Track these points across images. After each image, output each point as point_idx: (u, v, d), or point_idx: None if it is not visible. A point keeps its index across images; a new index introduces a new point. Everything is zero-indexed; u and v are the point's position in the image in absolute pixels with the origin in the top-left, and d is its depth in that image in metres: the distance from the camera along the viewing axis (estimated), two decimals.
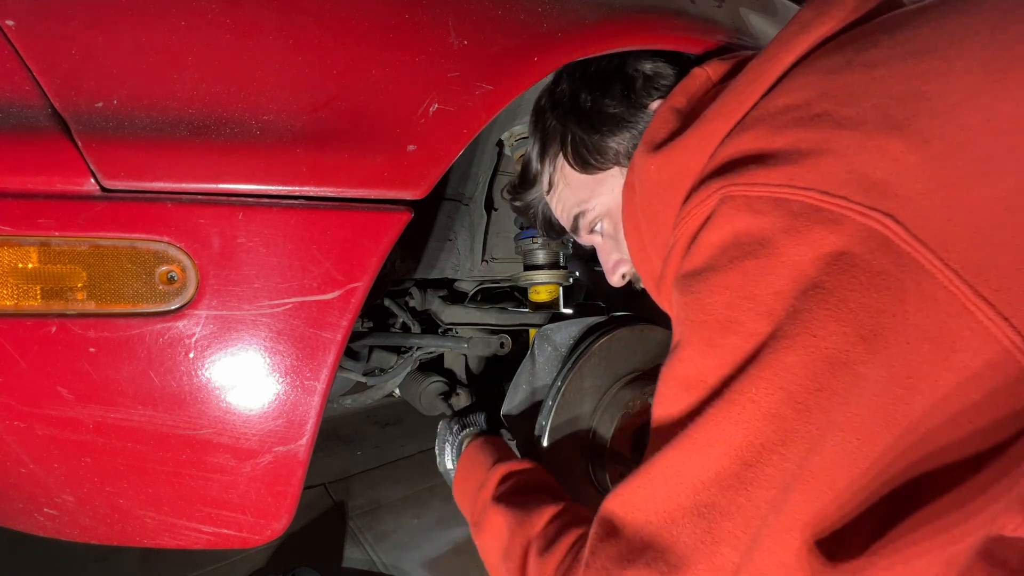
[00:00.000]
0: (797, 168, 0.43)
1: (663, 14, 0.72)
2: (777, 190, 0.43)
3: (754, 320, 0.42)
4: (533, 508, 0.61)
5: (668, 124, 0.59)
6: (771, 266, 0.42)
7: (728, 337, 0.43)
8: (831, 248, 0.40)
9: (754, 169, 0.45)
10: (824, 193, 0.41)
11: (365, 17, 0.58)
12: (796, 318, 0.40)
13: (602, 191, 0.71)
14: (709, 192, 0.49)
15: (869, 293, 0.39)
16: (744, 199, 0.45)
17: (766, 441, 0.40)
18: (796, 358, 0.40)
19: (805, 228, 0.41)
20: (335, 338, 0.58)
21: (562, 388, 0.83)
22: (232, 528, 0.60)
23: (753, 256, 0.43)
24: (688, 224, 0.52)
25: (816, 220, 0.41)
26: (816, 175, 0.42)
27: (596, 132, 0.68)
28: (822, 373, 0.39)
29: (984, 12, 0.44)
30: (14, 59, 0.49)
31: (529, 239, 1.09)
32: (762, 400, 0.40)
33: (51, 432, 0.53)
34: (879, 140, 0.41)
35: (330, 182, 0.56)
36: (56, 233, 0.50)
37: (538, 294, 1.13)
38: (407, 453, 2.14)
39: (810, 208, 0.42)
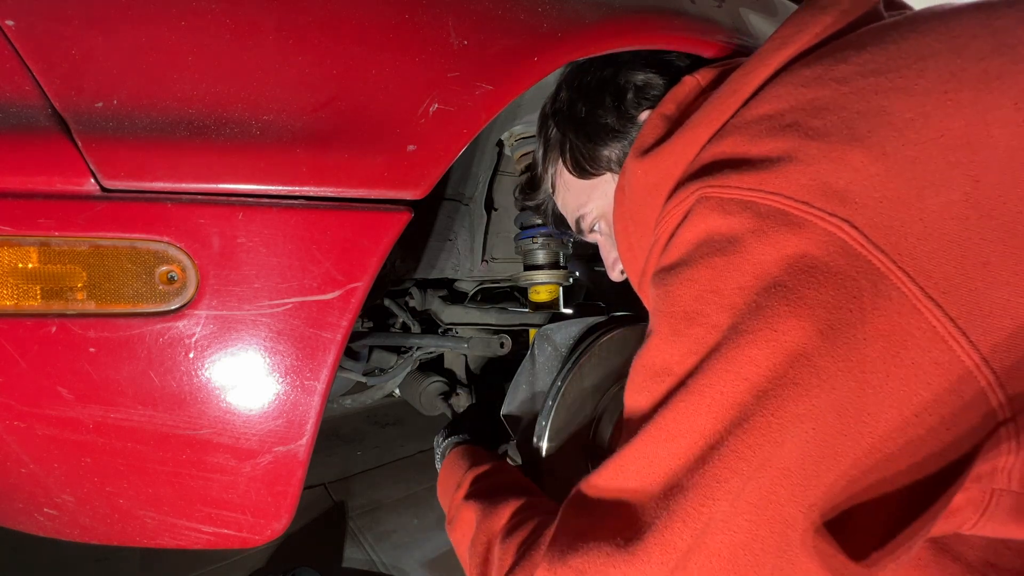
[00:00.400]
0: (766, 174, 0.46)
1: (663, 14, 0.72)
2: (747, 193, 0.46)
3: (717, 312, 0.45)
4: (500, 502, 0.64)
5: (656, 130, 0.62)
6: (737, 263, 0.45)
7: (693, 328, 0.46)
8: (793, 250, 0.43)
9: (728, 173, 0.49)
10: (789, 198, 0.44)
11: (365, 17, 0.58)
12: (758, 313, 0.43)
13: (596, 195, 0.75)
14: (688, 193, 0.51)
15: (827, 291, 0.42)
16: (718, 200, 0.48)
17: (730, 427, 0.42)
18: (758, 351, 0.42)
19: (770, 229, 0.44)
20: (335, 338, 0.58)
21: (562, 388, 0.83)
22: (232, 528, 0.60)
23: (721, 253, 0.46)
24: (667, 222, 0.55)
25: (781, 223, 0.44)
26: (783, 181, 0.45)
27: (590, 141, 0.72)
28: (781, 364, 0.41)
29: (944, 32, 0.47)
30: (14, 59, 0.49)
31: (529, 239, 1.09)
32: (727, 390, 0.42)
33: (51, 432, 0.53)
34: (842, 151, 0.44)
35: (330, 182, 0.56)
36: (56, 233, 0.50)
37: (538, 294, 1.13)
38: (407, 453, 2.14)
39: (776, 211, 0.44)
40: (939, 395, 0.41)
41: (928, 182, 0.42)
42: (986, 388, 0.41)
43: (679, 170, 0.57)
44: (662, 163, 0.59)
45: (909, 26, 0.50)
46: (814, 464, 0.41)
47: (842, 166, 0.44)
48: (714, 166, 0.51)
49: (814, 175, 0.44)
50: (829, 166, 0.44)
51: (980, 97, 0.43)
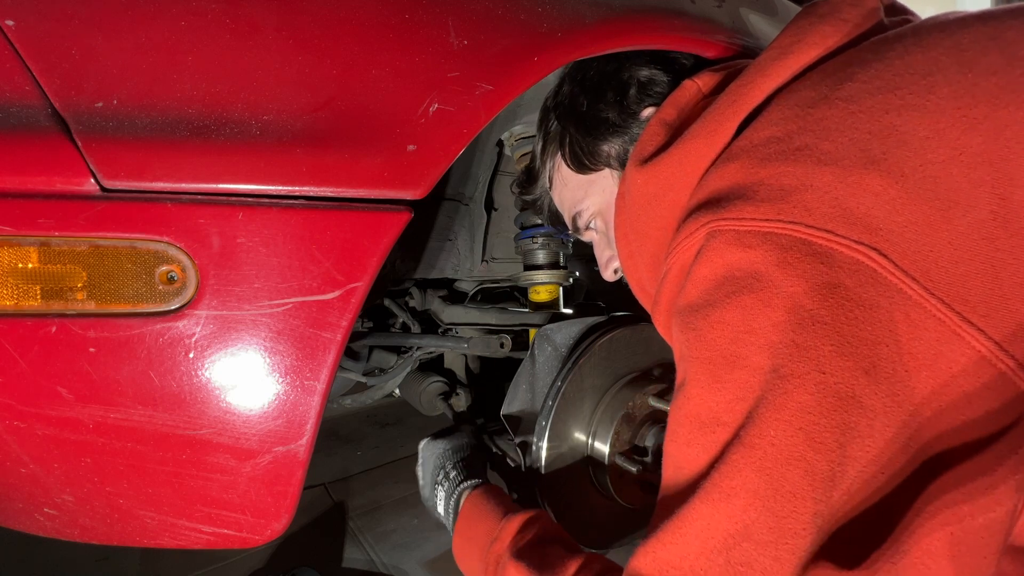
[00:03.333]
0: (783, 203, 0.44)
1: (663, 14, 0.72)
2: (764, 224, 0.45)
3: (757, 354, 0.43)
4: (555, 562, 0.58)
5: (656, 138, 0.61)
6: (767, 299, 0.43)
7: (734, 372, 0.44)
8: (824, 280, 0.42)
9: (741, 204, 0.47)
10: (810, 227, 0.43)
11: (365, 17, 0.58)
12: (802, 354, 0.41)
13: (594, 191, 0.74)
14: (697, 225, 0.50)
15: (864, 327, 0.40)
16: (733, 233, 0.46)
17: (792, 487, 0.40)
18: (808, 396, 0.40)
19: (796, 261, 0.43)
20: (335, 338, 0.58)
21: (562, 388, 0.83)
22: (232, 528, 0.60)
23: (749, 290, 0.44)
24: (679, 256, 0.53)
25: (806, 253, 0.43)
26: (801, 210, 0.44)
27: (590, 135, 0.70)
28: (834, 409, 0.40)
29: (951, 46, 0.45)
30: (14, 59, 0.49)
31: (529, 239, 1.09)
32: (781, 443, 0.40)
33: (51, 432, 0.53)
34: (858, 175, 0.43)
35: (330, 182, 0.56)
36: (56, 233, 0.50)
37: (538, 294, 1.13)
38: (407, 453, 2.14)
39: (798, 241, 0.43)
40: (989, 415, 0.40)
41: (953, 202, 0.41)
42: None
43: (679, 183, 0.57)
44: (660, 174, 0.58)
45: (913, 39, 0.48)
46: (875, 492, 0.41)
47: (860, 191, 0.42)
48: (723, 196, 0.49)
49: (833, 202, 0.43)
50: (847, 191, 0.43)
51: (995, 113, 0.41)
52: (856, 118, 0.45)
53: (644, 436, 0.87)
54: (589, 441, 0.87)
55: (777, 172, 0.46)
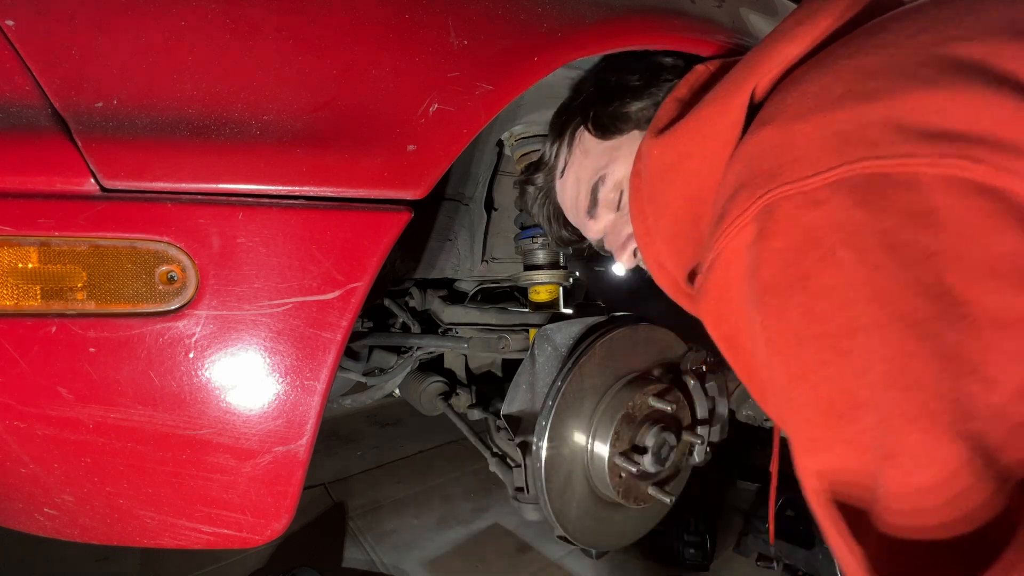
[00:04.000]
0: (843, 147, 0.40)
1: (663, 14, 0.72)
2: (829, 174, 0.40)
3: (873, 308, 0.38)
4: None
5: (670, 112, 0.61)
6: (860, 245, 0.38)
7: (856, 339, 0.38)
8: (918, 207, 0.37)
9: (794, 165, 0.43)
10: (881, 158, 0.38)
11: (365, 17, 0.58)
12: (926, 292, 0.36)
13: (619, 156, 0.72)
14: (750, 201, 0.46)
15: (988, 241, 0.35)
16: (799, 196, 0.42)
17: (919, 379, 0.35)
18: (955, 333, 0.35)
19: (877, 196, 0.38)
20: (335, 338, 0.58)
21: (562, 388, 0.83)
22: (232, 528, 0.60)
23: (839, 245, 0.39)
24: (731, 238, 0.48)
25: (886, 185, 0.38)
26: (864, 146, 0.39)
27: (618, 99, 0.70)
28: (1006, 339, 0.34)
29: None
30: (14, 59, 0.49)
31: (529, 239, 1.09)
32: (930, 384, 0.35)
33: (51, 432, 0.53)
34: (918, 97, 0.39)
35: (330, 182, 0.56)
36: (56, 233, 0.50)
37: (538, 294, 1.13)
38: (407, 453, 2.14)
39: (874, 177, 0.38)
40: None
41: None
42: None
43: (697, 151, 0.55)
44: (678, 142, 0.56)
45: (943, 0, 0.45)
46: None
47: (926, 108, 0.38)
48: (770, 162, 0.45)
49: (898, 127, 0.38)
50: (911, 114, 0.38)
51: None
52: (900, 58, 0.41)
53: (644, 436, 0.87)
54: (589, 441, 0.87)
55: (824, 122, 0.42)
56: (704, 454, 0.93)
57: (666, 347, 0.97)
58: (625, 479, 0.87)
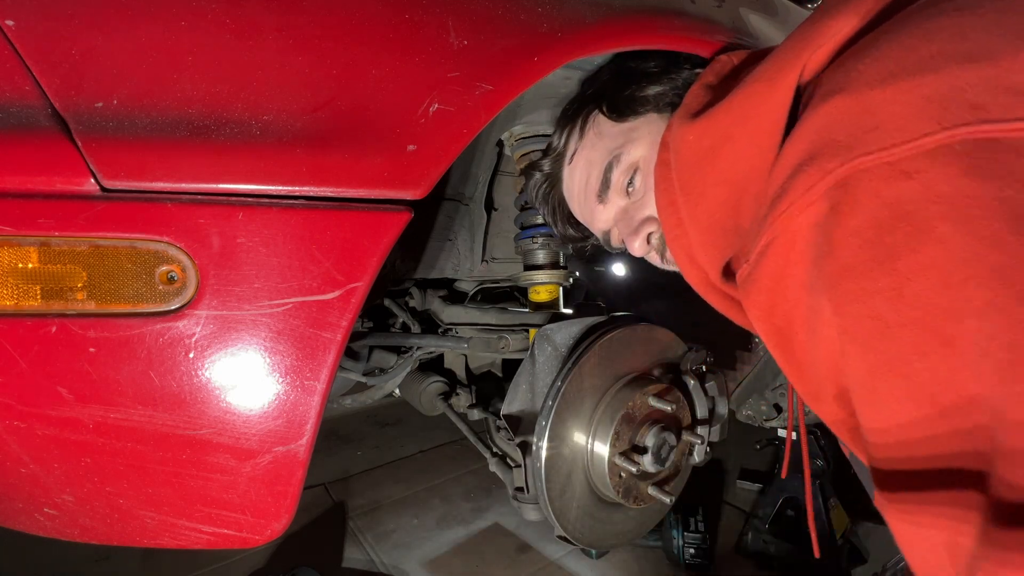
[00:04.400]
0: (941, 111, 0.36)
1: (663, 14, 0.72)
2: (926, 140, 0.36)
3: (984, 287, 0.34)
4: None
5: (701, 98, 0.59)
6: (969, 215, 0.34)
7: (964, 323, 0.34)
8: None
9: (879, 133, 0.38)
10: (992, 122, 0.34)
11: (365, 17, 0.58)
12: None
13: (636, 137, 0.69)
14: (819, 175, 0.41)
15: None
16: (885, 167, 0.38)
17: None
18: None
19: (988, 163, 0.34)
20: (335, 338, 0.58)
21: (562, 388, 0.83)
22: (232, 528, 0.60)
23: (942, 219, 0.35)
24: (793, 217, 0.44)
25: (996, 151, 0.34)
26: (968, 109, 0.35)
27: (635, 83, 0.69)
28: None
29: None
30: (14, 59, 0.49)
31: (529, 239, 1.09)
32: None
33: (51, 432, 0.53)
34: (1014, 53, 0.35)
35: (330, 182, 0.56)
36: (56, 233, 0.50)
37: (538, 294, 1.13)
38: (407, 453, 2.14)
39: (982, 143, 0.35)
40: None
41: None
42: None
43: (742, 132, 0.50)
44: (718, 124, 0.52)
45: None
46: None
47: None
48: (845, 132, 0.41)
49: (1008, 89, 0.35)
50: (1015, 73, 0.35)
51: None
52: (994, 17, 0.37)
53: (644, 436, 0.87)
54: (589, 441, 0.87)
55: (912, 85, 0.37)
56: (704, 454, 0.93)
57: (666, 347, 0.97)
58: (625, 479, 0.87)
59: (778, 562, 1.43)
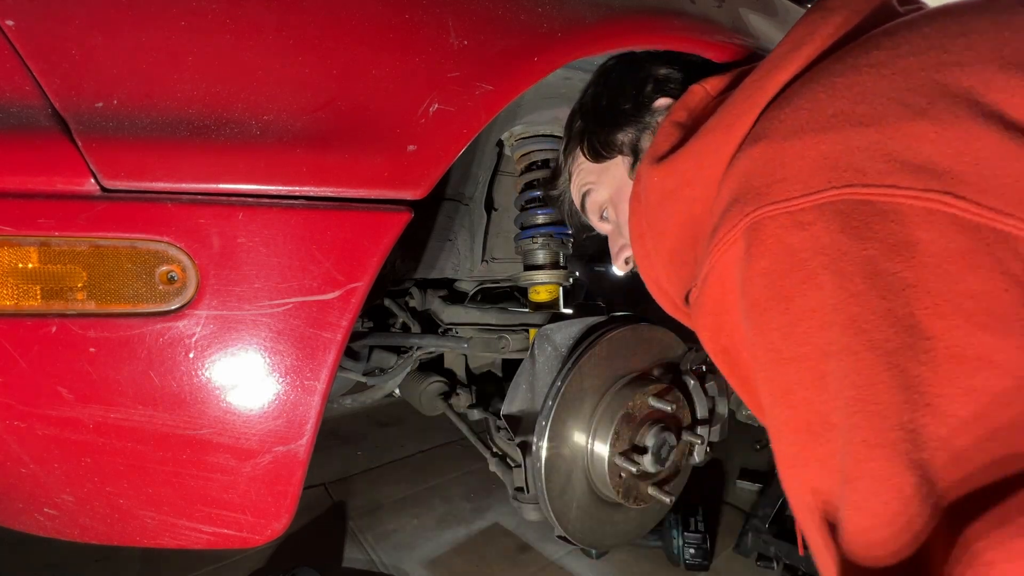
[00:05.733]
0: (830, 171, 0.41)
1: (663, 14, 0.72)
2: (817, 197, 0.41)
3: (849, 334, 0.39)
4: None
5: (670, 138, 0.61)
6: (842, 270, 0.39)
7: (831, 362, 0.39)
8: (899, 239, 0.37)
9: (782, 184, 0.44)
10: (868, 186, 0.39)
11: (365, 17, 0.58)
12: (898, 323, 0.37)
13: (606, 178, 0.77)
14: (739, 217, 0.46)
15: (963, 279, 0.36)
16: (785, 215, 0.43)
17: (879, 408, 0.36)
18: (923, 367, 0.36)
19: (862, 224, 0.39)
20: (335, 338, 0.58)
21: (562, 388, 0.83)
22: (232, 528, 0.60)
23: (821, 268, 0.40)
24: (721, 254, 0.50)
25: (871, 213, 0.38)
26: (852, 172, 0.40)
27: (607, 126, 0.74)
28: (958, 375, 0.35)
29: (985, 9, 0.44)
30: (14, 59, 0.49)
31: (529, 239, 1.09)
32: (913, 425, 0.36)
33: (51, 432, 0.53)
34: (907, 126, 0.39)
35: (330, 182, 0.56)
36: (56, 233, 0.50)
37: (538, 294, 1.13)
38: (407, 453, 2.14)
39: (859, 204, 0.39)
40: None
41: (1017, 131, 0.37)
42: None
43: (698, 177, 0.55)
44: (678, 168, 0.57)
45: (941, 10, 0.46)
46: None
47: (914, 140, 0.39)
48: (759, 179, 0.46)
49: (886, 156, 0.39)
50: (899, 143, 0.39)
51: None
52: (891, 80, 0.42)
53: (644, 436, 0.87)
54: (589, 441, 0.87)
55: (814, 142, 0.43)
56: (704, 454, 0.93)
57: (666, 347, 0.97)
58: (625, 479, 0.87)
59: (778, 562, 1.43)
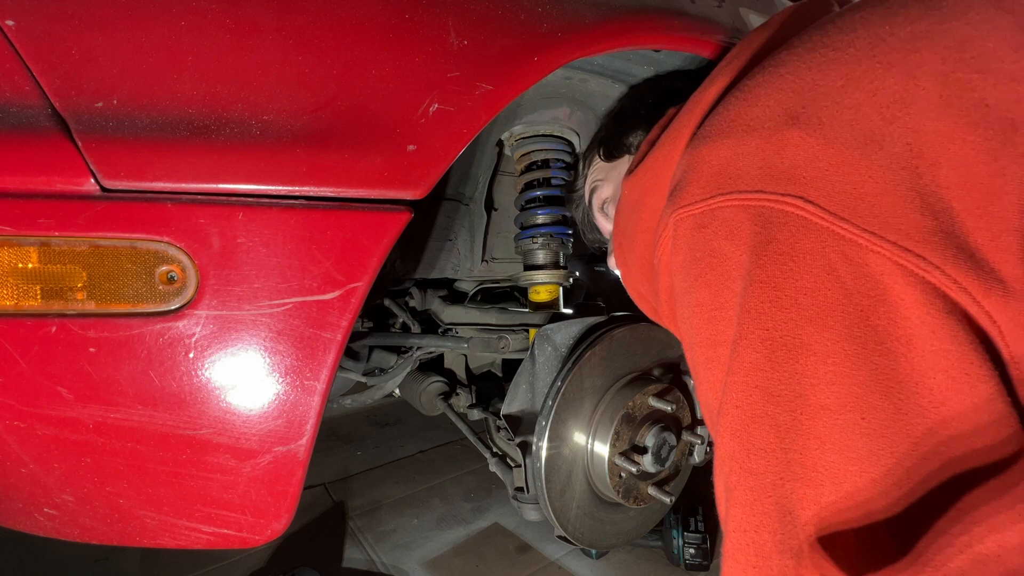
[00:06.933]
0: (720, 178, 0.49)
1: (663, 14, 0.72)
2: (712, 202, 0.48)
3: (726, 327, 0.46)
4: None
5: (641, 154, 0.67)
6: (725, 271, 0.47)
7: (715, 350, 0.47)
8: (760, 239, 0.44)
9: (689, 189, 0.51)
10: (744, 192, 0.46)
11: (365, 17, 0.58)
12: (748, 316, 0.44)
13: (613, 175, 0.82)
14: (665, 219, 0.54)
15: (800, 277, 0.42)
16: (692, 218, 0.50)
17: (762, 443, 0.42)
18: (757, 354, 0.42)
19: (736, 228, 0.46)
20: (335, 338, 0.58)
21: (562, 388, 0.83)
22: (232, 528, 0.60)
23: (710, 268, 0.48)
24: (661, 250, 0.58)
25: (745, 218, 0.46)
26: (734, 179, 0.47)
27: (621, 127, 0.80)
28: (784, 361, 0.41)
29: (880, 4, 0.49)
30: (14, 59, 0.49)
31: (529, 239, 1.09)
32: (744, 403, 0.43)
33: (51, 432, 0.53)
34: (781, 134, 0.46)
35: (330, 182, 0.56)
36: (56, 233, 0.50)
37: (538, 294, 1.13)
38: (407, 453, 2.14)
39: (738, 209, 0.46)
40: (961, 345, 0.37)
41: (868, 139, 0.43)
42: None
43: (652, 188, 0.61)
44: (639, 181, 0.64)
45: (851, 7, 0.52)
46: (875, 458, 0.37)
47: (784, 147, 0.45)
48: (679, 183, 0.54)
49: (761, 163, 0.46)
50: (772, 150, 0.46)
51: (907, 57, 0.44)
52: (782, 80, 0.49)
53: (644, 436, 0.87)
54: (589, 441, 0.87)
55: (712, 148, 0.50)
56: (704, 454, 0.93)
57: (666, 347, 0.97)
58: (625, 479, 0.87)
59: None
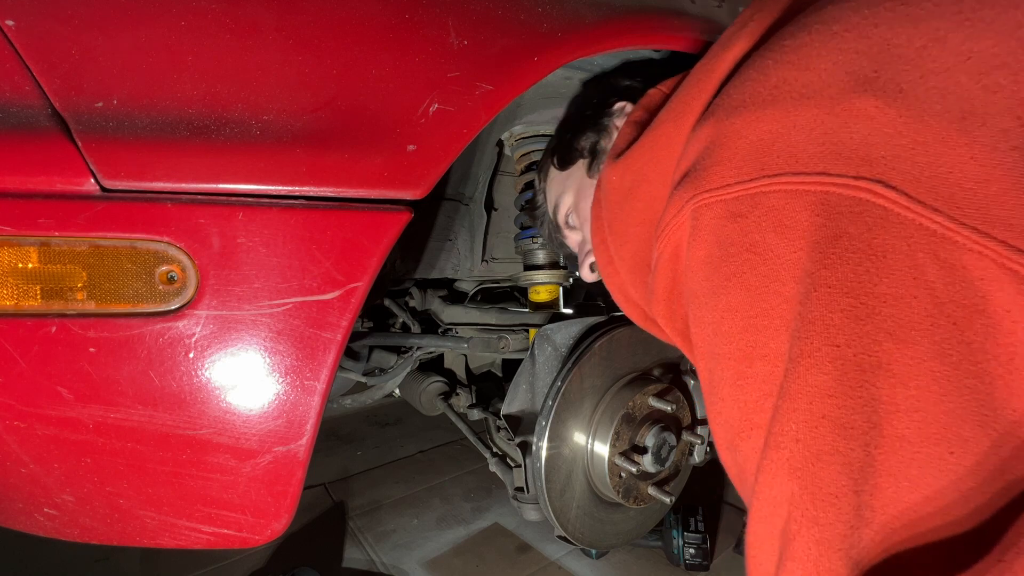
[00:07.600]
0: (765, 156, 0.39)
1: (663, 14, 0.72)
2: (751, 186, 0.39)
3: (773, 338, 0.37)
4: None
5: (628, 136, 0.61)
6: (770, 272, 0.38)
7: (754, 365, 0.38)
8: (824, 234, 0.36)
9: (721, 169, 0.42)
10: (799, 175, 0.37)
11: (365, 17, 0.58)
12: (811, 328, 0.35)
13: (570, 183, 0.78)
14: (683, 201, 0.45)
15: (880, 281, 0.34)
16: (721, 204, 0.41)
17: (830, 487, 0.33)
18: (825, 376, 0.34)
19: (789, 218, 0.37)
20: (335, 338, 0.58)
21: (562, 388, 0.83)
22: (232, 528, 0.60)
23: (750, 268, 0.39)
24: (669, 238, 0.48)
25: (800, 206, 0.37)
26: (786, 158, 0.38)
27: (571, 133, 0.75)
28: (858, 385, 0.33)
29: None
30: (14, 59, 0.49)
31: (529, 239, 1.09)
32: (807, 436, 0.34)
33: (51, 432, 0.53)
34: (848, 102, 0.37)
35: (330, 182, 0.56)
36: (56, 233, 0.50)
37: (538, 294, 1.13)
38: (407, 453, 2.14)
39: (791, 195, 0.37)
40: None
41: (967, 112, 0.34)
42: None
43: (654, 172, 0.53)
44: (635, 163, 0.55)
45: None
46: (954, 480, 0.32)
47: (852, 118, 0.36)
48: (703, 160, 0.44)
49: (821, 138, 0.37)
50: (836, 122, 0.37)
51: (1005, 14, 0.35)
52: (840, 39, 0.39)
53: (644, 436, 0.87)
54: (589, 441, 0.87)
55: (753, 119, 0.41)
56: (704, 454, 0.93)
57: (666, 346, 0.97)
58: (625, 479, 0.87)
59: None
